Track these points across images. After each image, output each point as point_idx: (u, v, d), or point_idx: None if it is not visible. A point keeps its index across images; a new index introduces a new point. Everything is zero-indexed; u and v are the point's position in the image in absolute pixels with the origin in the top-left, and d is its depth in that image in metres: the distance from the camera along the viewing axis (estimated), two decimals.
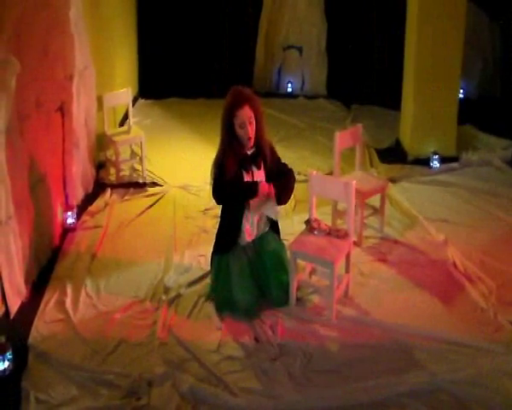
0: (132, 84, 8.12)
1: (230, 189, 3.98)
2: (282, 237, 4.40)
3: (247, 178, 4.02)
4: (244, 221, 4.11)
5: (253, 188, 3.96)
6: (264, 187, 3.96)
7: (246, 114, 3.88)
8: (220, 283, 4.12)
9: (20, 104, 4.09)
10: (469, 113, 7.35)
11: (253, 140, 3.98)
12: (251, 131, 3.93)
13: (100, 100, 5.95)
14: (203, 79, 8.82)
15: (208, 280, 4.37)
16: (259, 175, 4.05)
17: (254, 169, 4.05)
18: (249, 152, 4.04)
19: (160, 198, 5.74)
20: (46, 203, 4.73)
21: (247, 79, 8.02)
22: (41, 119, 4.60)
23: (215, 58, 8.85)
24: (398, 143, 6.96)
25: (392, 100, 7.71)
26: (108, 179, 6.08)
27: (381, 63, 8.53)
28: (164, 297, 4.21)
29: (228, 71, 8.76)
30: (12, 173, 3.92)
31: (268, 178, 4.06)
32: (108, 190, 5.82)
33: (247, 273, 4.09)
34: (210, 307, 4.12)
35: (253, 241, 4.19)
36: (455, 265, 4.61)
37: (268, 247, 4.19)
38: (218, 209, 5.15)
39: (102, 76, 6.22)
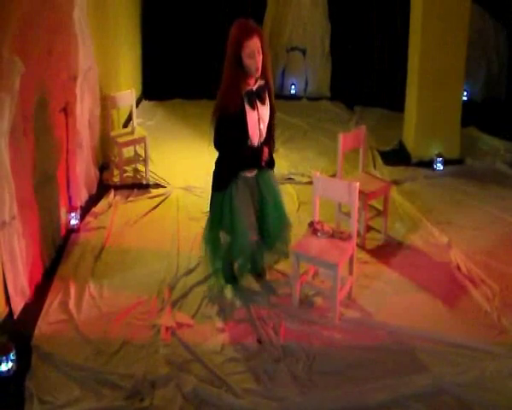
0: (136, 85, 8.14)
1: (232, 154, 4.01)
2: None
3: (251, 113, 3.95)
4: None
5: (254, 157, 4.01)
6: (266, 154, 4.03)
7: (255, 43, 3.85)
8: (226, 219, 4.08)
9: (24, 105, 4.10)
10: (473, 115, 7.35)
11: (260, 71, 3.93)
12: (259, 61, 3.90)
13: (104, 101, 5.96)
14: (206, 81, 8.76)
15: (212, 281, 4.38)
16: (264, 110, 4.02)
17: (259, 104, 3.99)
18: (254, 88, 3.99)
19: (163, 199, 5.75)
20: (50, 204, 4.74)
21: None
22: (45, 119, 4.61)
23: (218, 59, 8.81)
24: (401, 145, 6.96)
25: (395, 102, 7.72)
26: (112, 180, 6.10)
27: (385, 65, 8.53)
28: (167, 298, 4.21)
29: None
30: (16, 174, 3.92)
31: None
32: (112, 192, 5.83)
33: (251, 205, 4.09)
34: (213, 309, 4.12)
35: (255, 175, 4.15)
36: (458, 267, 4.61)
37: (269, 181, 4.18)
38: None
39: (106, 77, 6.23)
